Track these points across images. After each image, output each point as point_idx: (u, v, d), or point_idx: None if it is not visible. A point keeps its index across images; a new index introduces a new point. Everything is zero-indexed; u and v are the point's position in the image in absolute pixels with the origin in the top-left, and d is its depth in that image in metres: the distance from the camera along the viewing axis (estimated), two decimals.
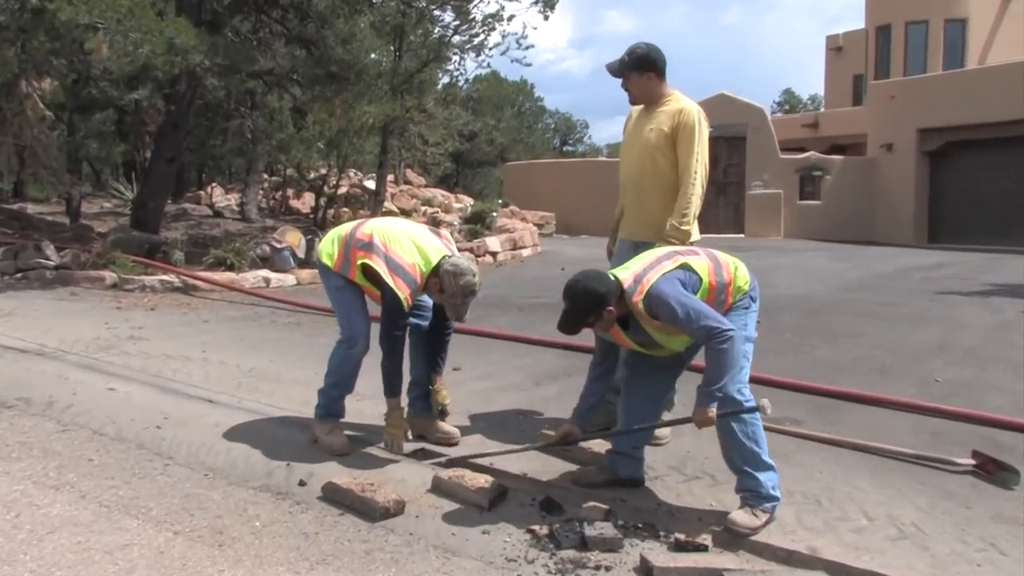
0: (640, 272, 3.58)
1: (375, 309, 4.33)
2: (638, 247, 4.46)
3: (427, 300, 4.58)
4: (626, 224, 4.73)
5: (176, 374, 5.86)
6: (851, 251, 17.71)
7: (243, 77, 12.42)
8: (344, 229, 4.50)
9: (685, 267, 3.61)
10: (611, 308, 3.53)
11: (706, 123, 4.49)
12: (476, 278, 4.15)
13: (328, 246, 4.46)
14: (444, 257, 4.24)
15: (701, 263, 3.67)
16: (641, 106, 4.72)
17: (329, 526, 3.48)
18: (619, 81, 4.62)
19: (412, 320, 4.50)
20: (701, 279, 3.60)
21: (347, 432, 4.50)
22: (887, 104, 21.63)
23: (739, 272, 3.72)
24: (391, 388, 4.27)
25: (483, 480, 3.79)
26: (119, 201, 16.19)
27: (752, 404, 3.55)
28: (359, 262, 4.26)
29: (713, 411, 3.47)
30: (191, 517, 3.50)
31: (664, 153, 4.49)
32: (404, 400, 4.43)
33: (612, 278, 3.59)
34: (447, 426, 4.59)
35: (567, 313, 3.59)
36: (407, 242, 4.27)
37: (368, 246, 4.25)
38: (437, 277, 4.17)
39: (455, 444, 4.49)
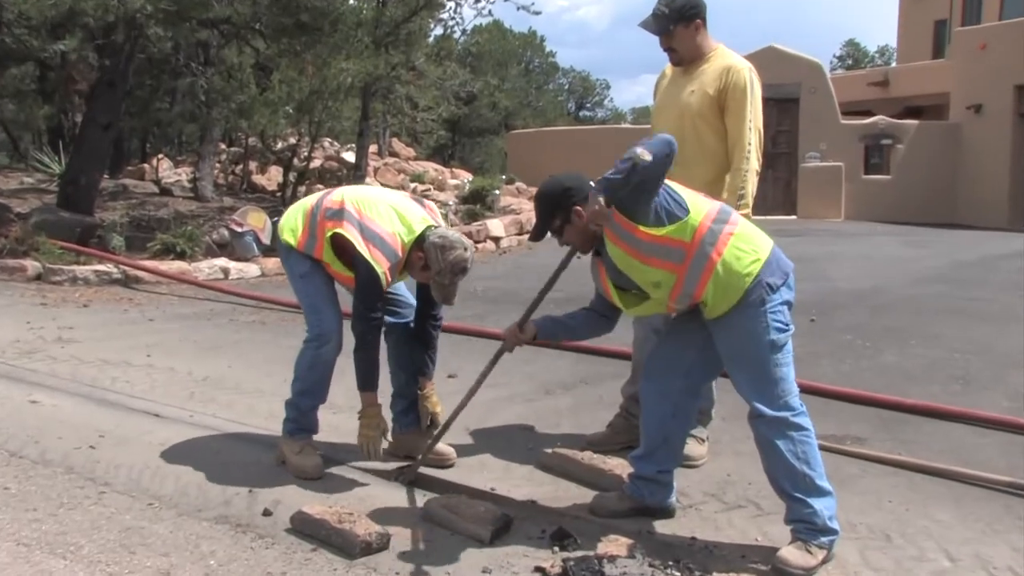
0: None
1: (347, 301, 4.34)
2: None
3: (405, 294, 4.60)
4: None
5: (115, 383, 5.88)
6: (927, 235, 17.67)
7: (194, 26, 12.41)
8: (309, 200, 4.52)
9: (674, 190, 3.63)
10: (579, 209, 3.61)
11: (759, 83, 4.48)
12: (468, 252, 4.18)
13: (291, 220, 4.46)
14: (429, 227, 4.26)
15: (700, 201, 3.64)
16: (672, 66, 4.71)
17: (299, 564, 3.47)
18: (657, 40, 4.59)
19: (388, 319, 4.49)
20: (688, 211, 3.53)
21: (322, 452, 4.50)
22: (976, 56, 21.48)
23: (756, 238, 3.64)
24: (366, 381, 4.28)
25: (483, 508, 3.80)
26: (43, 175, 16.16)
27: (800, 413, 3.56)
28: (327, 234, 4.27)
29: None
30: (131, 556, 3.50)
31: (708, 120, 4.47)
32: (388, 416, 4.43)
33: (591, 183, 3.68)
34: (440, 444, 4.59)
35: (535, 212, 3.82)
36: (385, 208, 4.28)
37: (338, 214, 4.26)
38: (421, 251, 4.19)
39: (450, 465, 4.50)
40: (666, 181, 3.61)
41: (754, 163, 4.38)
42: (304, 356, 4.46)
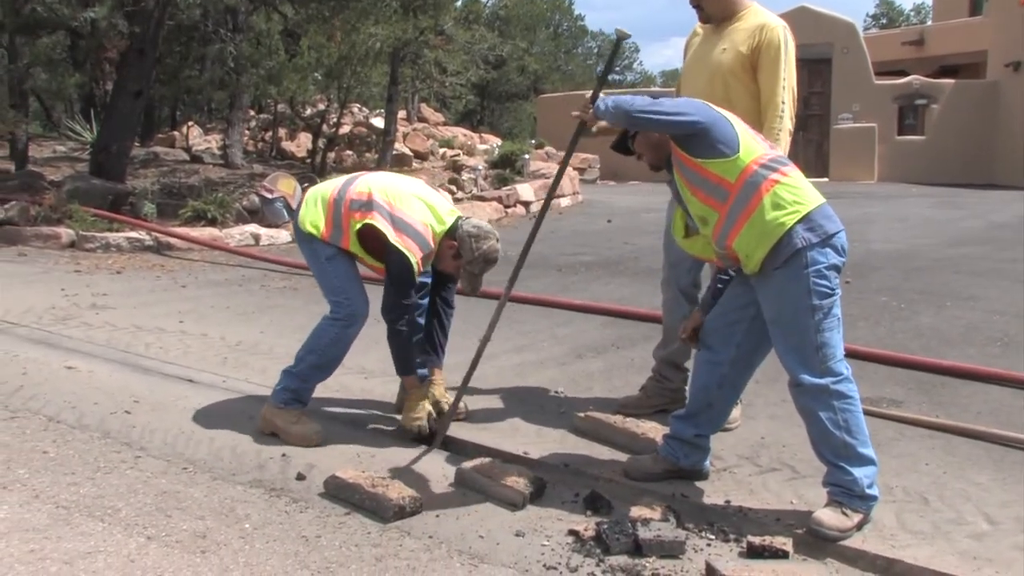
0: None
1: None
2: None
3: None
4: None
5: (148, 349, 5.92)
6: (963, 196, 17.46)
7: None
8: (328, 189, 4.49)
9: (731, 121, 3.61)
10: None
11: (793, 43, 4.41)
12: (499, 244, 4.26)
13: (311, 212, 4.45)
14: (460, 218, 4.30)
15: (756, 144, 3.58)
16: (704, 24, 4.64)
17: (333, 528, 3.49)
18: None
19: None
20: (738, 151, 3.49)
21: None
22: (1014, 12, 21.06)
23: (803, 191, 3.53)
24: (405, 367, 4.33)
25: (517, 472, 3.80)
26: (76, 143, 16.25)
27: (843, 379, 3.50)
28: (356, 226, 4.27)
29: (591, 112, 3.79)
30: (168, 519, 3.53)
31: (741, 80, 4.41)
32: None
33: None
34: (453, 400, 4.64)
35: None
36: (414, 199, 4.31)
37: (367, 205, 4.27)
38: (453, 240, 4.23)
39: (461, 418, 4.57)
40: (731, 117, 3.60)
41: (787, 123, 4.32)
42: (327, 332, 4.44)
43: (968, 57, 23.80)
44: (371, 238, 4.26)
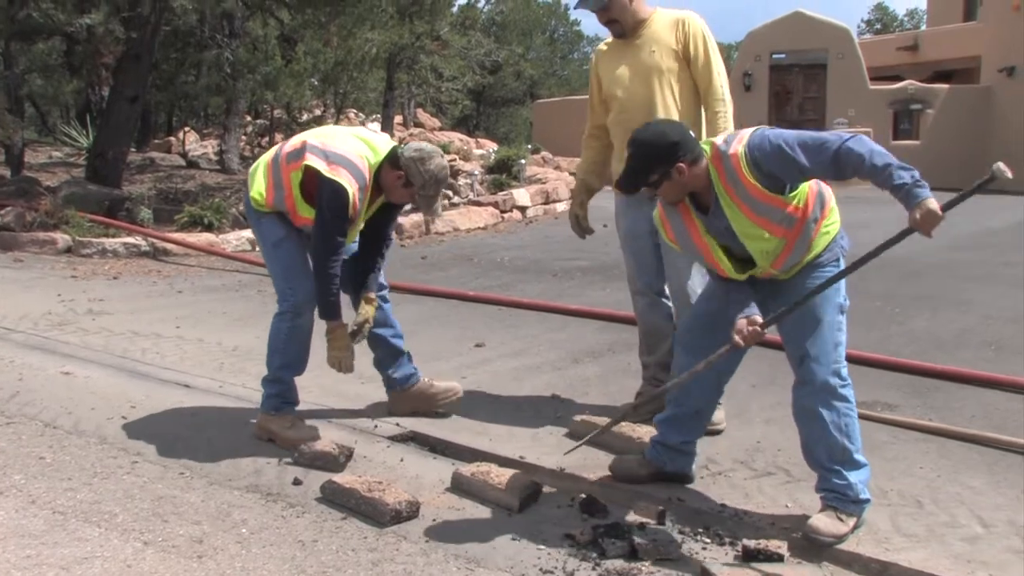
0: (734, 134, 3.48)
1: None
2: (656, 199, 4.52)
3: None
4: None
5: (145, 355, 5.92)
6: None
7: None
8: (268, 155, 4.47)
9: None
10: (683, 165, 3.35)
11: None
12: (445, 159, 4.22)
13: (256, 181, 4.40)
14: (397, 146, 4.27)
15: None
16: (611, 41, 4.73)
17: (330, 532, 3.50)
18: (592, 16, 4.62)
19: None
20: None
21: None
22: (1010, 17, 21.11)
23: (834, 204, 3.58)
24: (329, 311, 4.28)
25: (512, 476, 3.80)
26: (71, 149, 16.26)
27: (847, 384, 3.53)
28: (297, 177, 4.21)
29: (934, 202, 3.23)
30: (164, 524, 3.53)
31: (678, 75, 4.51)
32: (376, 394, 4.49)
33: (694, 137, 3.50)
34: (443, 383, 4.68)
35: (628, 160, 3.46)
36: (349, 136, 4.29)
37: (300, 151, 4.22)
38: (398, 170, 4.17)
39: (455, 398, 4.69)
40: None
41: (729, 106, 4.45)
42: (280, 329, 4.42)
43: (962, 62, 23.86)
44: (310, 185, 4.19)
